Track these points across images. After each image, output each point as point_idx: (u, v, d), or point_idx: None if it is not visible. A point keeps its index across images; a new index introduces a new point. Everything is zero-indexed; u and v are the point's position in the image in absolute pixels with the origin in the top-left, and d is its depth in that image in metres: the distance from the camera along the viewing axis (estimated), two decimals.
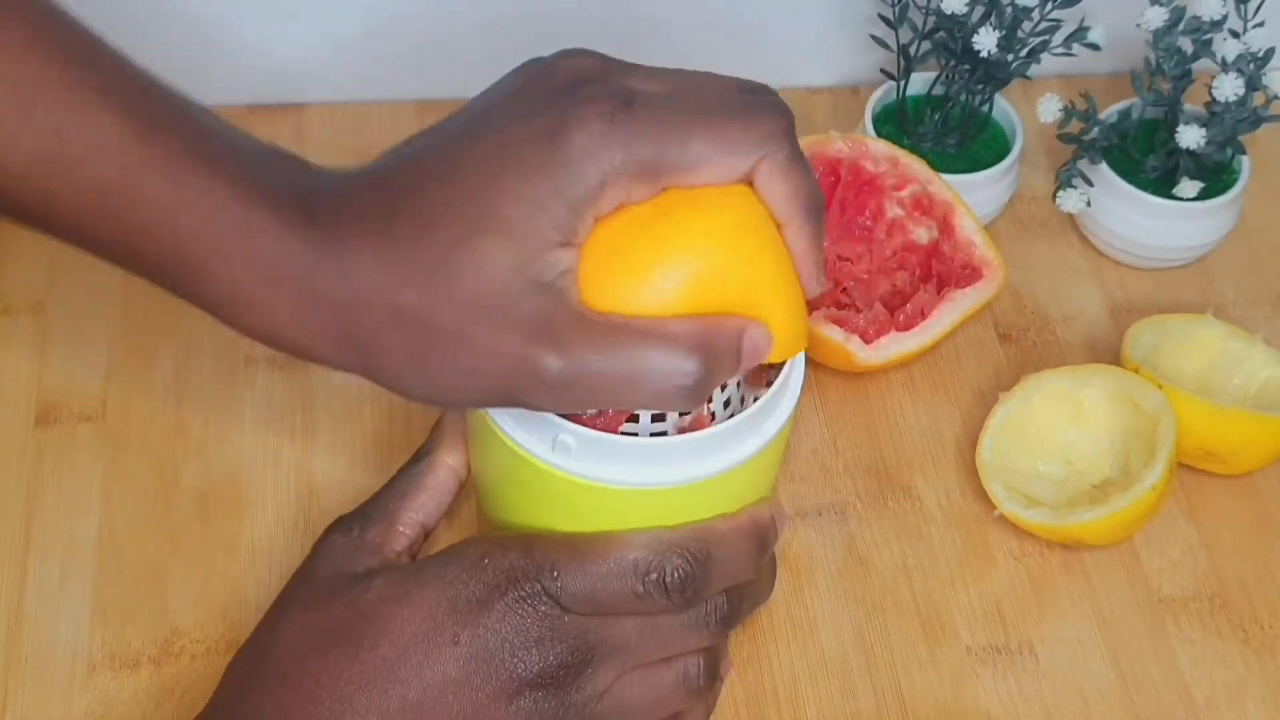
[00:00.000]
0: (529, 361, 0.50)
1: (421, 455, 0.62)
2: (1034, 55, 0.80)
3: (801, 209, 0.54)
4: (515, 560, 0.55)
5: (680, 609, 0.56)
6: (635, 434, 0.56)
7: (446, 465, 0.62)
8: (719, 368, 0.52)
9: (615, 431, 0.55)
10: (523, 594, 0.55)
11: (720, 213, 0.52)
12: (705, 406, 0.56)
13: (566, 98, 0.51)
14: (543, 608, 0.55)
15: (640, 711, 0.57)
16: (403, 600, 0.55)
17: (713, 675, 0.59)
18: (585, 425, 0.55)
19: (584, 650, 0.55)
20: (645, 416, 0.56)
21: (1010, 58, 0.80)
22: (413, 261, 0.51)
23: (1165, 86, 0.80)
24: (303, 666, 0.55)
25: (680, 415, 0.56)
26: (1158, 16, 0.77)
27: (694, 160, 0.52)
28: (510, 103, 0.53)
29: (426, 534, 0.61)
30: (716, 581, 0.57)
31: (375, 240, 0.52)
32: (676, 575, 0.55)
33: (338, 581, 0.57)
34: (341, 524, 0.60)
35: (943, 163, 0.82)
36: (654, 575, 0.55)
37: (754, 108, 0.53)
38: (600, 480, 0.55)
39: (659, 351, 0.51)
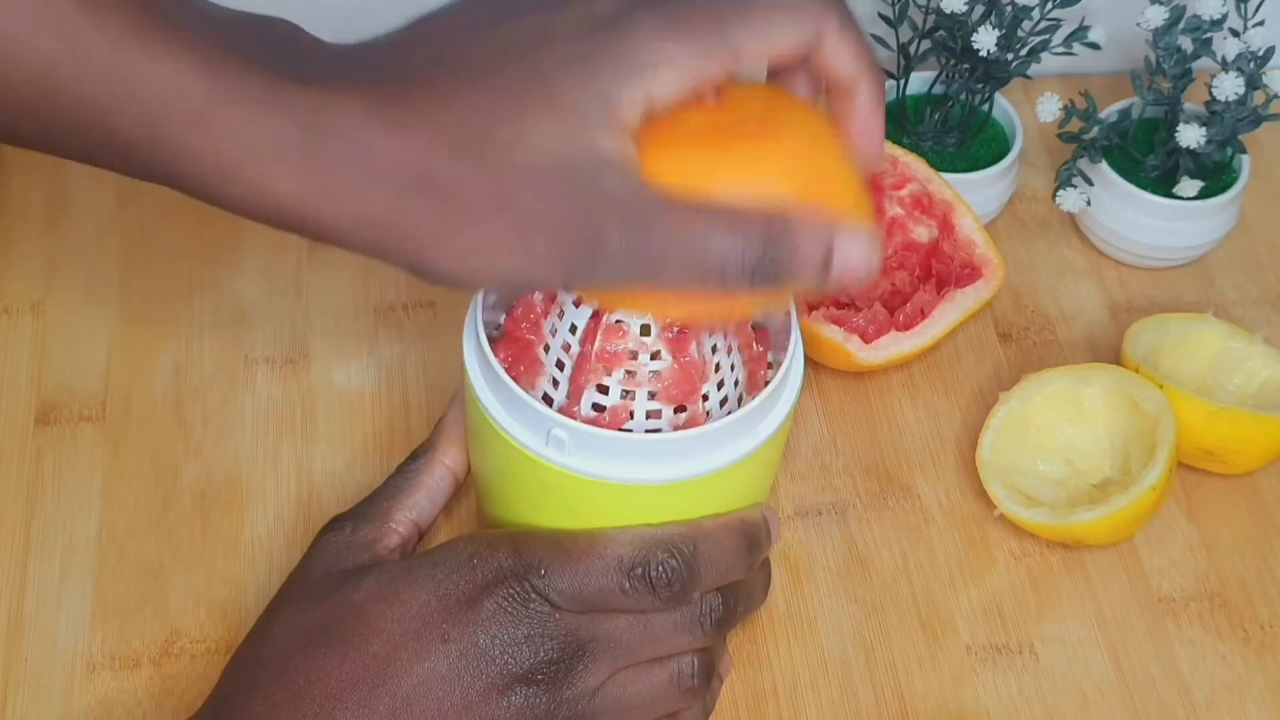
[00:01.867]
0: (591, 233, 0.47)
1: (419, 454, 0.63)
2: (1034, 54, 0.80)
3: (869, 64, 0.52)
4: (503, 559, 0.55)
5: (667, 606, 0.56)
6: (630, 430, 0.56)
7: (443, 464, 0.62)
8: (788, 260, 0.49)
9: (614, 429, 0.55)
10: (511, 592, 0.55)
11: (797, 128, 0.51)
12: (702, 405, 0.56)
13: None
14: (533, 605, 0.55)
15: (634, 709, 0.57)
16: (393, 599, 0.55)
17: (707, 675, 0.59)
18: (581, 421, 0.55)
19: (574, 647, 0.55)
20: (640, 413, 0.56)
21: (1010, 57, 0.79)
22: (439, 128, 0.47)
23: (1165, 86, 0.80)
24: (293, 664, 0.55)
25: (676, 413, 0.56)
26: (1158, 15, 0.77)
27: (759, 24, 0.49)
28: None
29: (421, 533, 0.61)
30: (704, 579, 0.57)
31: (389, 105, 0.47)
32: (663, 571, 0.55)
33: (329, 580, 0.57)
34: (336, 523, 0.60)
35: (942, 162, 0.82)
36: (639, 571, 0.55)
37: None
38: (593, 475, 0.55)
39: (722, 230, 0.48)
